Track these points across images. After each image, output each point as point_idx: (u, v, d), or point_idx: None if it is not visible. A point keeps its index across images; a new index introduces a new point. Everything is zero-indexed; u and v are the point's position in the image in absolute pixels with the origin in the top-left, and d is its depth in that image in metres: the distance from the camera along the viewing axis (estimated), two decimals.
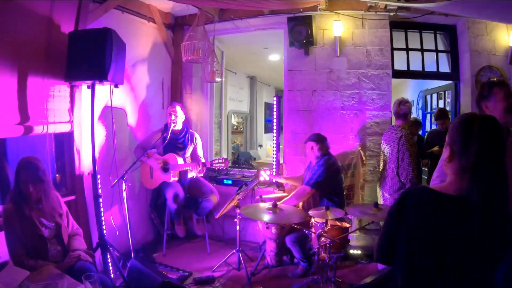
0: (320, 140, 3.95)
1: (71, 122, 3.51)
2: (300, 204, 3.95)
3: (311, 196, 3.90)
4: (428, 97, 5.99)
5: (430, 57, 4.89)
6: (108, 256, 3.15)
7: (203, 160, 4.41)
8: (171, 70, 5.29)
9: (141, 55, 4.60)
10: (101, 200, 3.28)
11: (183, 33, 5.07)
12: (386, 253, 1.51)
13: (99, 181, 3.35)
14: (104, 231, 3.24)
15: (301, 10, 4.62)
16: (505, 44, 4.59)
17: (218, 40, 5.55)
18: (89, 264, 2.61)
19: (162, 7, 4.83)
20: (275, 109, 4.85)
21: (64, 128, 3.44)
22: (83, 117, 3.61)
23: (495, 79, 4.05)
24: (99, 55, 3.05)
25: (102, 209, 3.30)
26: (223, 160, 4.15)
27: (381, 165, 4.06)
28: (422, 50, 4.85)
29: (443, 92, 5.43)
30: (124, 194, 3.50)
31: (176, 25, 5.22)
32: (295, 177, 4.51)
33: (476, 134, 1.35)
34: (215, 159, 4.18)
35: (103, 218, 3.30)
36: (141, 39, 4.61)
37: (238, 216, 3.90)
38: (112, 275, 3.18)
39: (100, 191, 3.33)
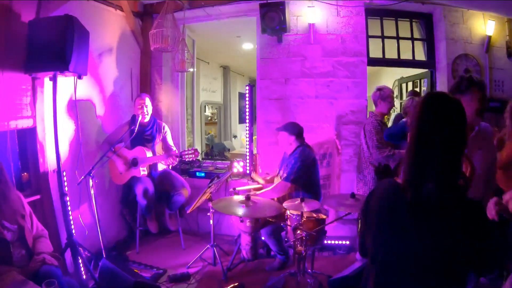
0: (293, 130, 3.91)
1: (33, 116, 3.39)
2: None
3: None
4: (404, 85, 6.09)
5: (405, 45, 4.97)
6: (79, 257, 3.10)
7: (174, 149, 4.40)
8: (140, 60, 5.19)
9: (108, 45, 4.49)
10: (67, 198, 3.23)
11: (152, 21, 4.92)
12: (362, 246, 1.53)
13: (64, 179, 3.29)
14: (73, 231, 3.20)
15: None
16: (482, 32, 4.72)
17: (189, 29, 5.48)
18: (55, 268, 2.53)
19: None
20: (247, 99, 4.84)
21: (26, 123, 3.31)
22: (46, 111, 3.49)
23: (471, 74, 4.15)
24: (60, 44, 2.97)
25: (69, 208, 3.24)
26: (193, 151, 4.13)
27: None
28: (397, 38, 4.93)
29: (418, 80, 5.53)
30: (92, 191, 3.44)
31: (145, 13, 5.11)
32: (270, 177, 4.49)
33: (416, 115, 1.29)
34: (185, 150, 4.17)
35: (71, 218, 3.24)
36: (108, 28, 4.49)
37: (211, 210, 3.89)
38: (84, 276, 3.13)
39: (66, 189, 3.27)
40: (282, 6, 4.50)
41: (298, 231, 3.20)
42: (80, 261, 3.10)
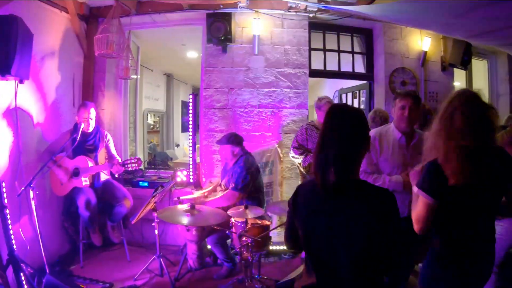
0: (236, 141, 4.08)
1: None
2: None
3: None
4: (344, 96, 6.50)
5: (346, 58, 5.41)
6: (22, 274, 3.05)
7: (118, 158, 4.43)
8: (83, 65, 5.11)
9: (51, 48, 4.40)
10: (7, 211, 3.17)
11: (97, 25, 4.92)
12: (292, 241, 1.81)
13: (4, 190, 3.22)
14: (14, 246, 3.15)
15: (221, 6, 4.82)
16: (418, 48, 5.31)
17: (134, 35, 5.56)
18: None
19: None
20: (191, 107, 5.00)
21: None
22: None
23: (400, 90, 4.40)
24: (2, 46, 2.96)
25: (9, 222, 3.19)
26: (136, 160, 4.17)
27: None
28: (339, 51, 5.37)
29: (357, 92, 5.94)
30: (33, 203, 3.37)
31: (90, 17, 5.08)
32: (213, 186, 4.59)
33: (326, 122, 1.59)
34: (127, 159, 4.20)
35: (11, 232, 3.19)
36: (52, 30, 4.41)
37: (156, 220, 3.92)
38: None
39: (6, 201, 3.20)
40: (229, 17, 4.76)
41: (244, 238, 3.37)
42: (23, 278, 3.05)
